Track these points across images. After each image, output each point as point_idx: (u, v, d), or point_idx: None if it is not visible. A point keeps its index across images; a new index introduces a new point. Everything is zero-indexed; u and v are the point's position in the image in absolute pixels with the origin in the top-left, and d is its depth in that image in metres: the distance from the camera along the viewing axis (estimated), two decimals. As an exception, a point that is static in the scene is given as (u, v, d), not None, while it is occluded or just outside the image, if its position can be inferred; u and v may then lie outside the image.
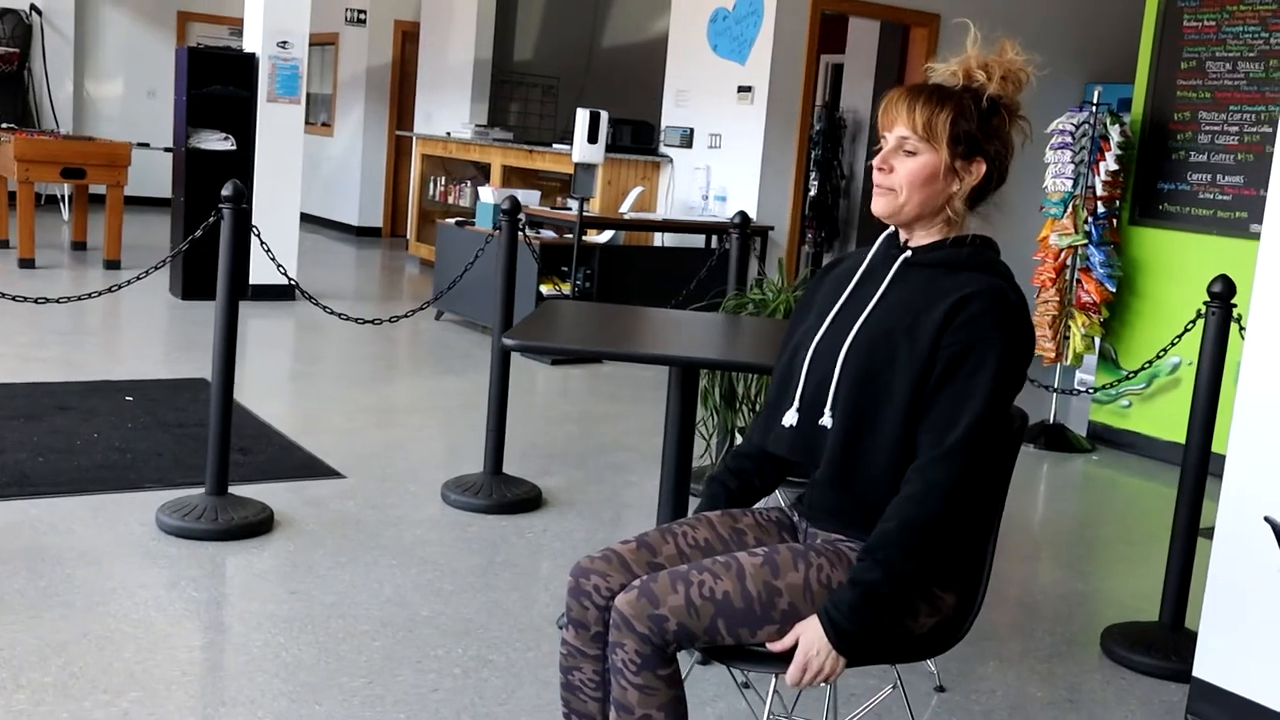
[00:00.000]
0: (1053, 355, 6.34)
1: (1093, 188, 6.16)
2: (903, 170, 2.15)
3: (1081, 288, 6.25)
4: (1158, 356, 5.09)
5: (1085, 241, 6.18)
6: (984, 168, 2.16)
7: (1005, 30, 2.21)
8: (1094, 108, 6.18)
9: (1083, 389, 6.43)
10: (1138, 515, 5.39)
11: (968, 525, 2.16)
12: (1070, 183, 6.17)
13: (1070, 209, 6.19)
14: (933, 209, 2.17)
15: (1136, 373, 5.24)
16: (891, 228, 2.26)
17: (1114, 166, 6.12)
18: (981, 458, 2.06)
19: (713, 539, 2.27)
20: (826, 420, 2.16)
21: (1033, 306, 6.41)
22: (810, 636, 2.03)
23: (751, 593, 2.07)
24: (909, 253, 2.21)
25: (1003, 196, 2.22)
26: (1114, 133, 6.12)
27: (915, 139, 2.14)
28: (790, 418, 2.23)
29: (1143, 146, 6.22)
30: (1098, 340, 6.38)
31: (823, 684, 2.05)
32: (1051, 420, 6.34)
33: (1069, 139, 6.18)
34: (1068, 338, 6.31)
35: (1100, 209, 6.17)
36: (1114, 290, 6.23)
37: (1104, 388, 6.08)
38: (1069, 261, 6.27)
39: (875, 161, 2.19)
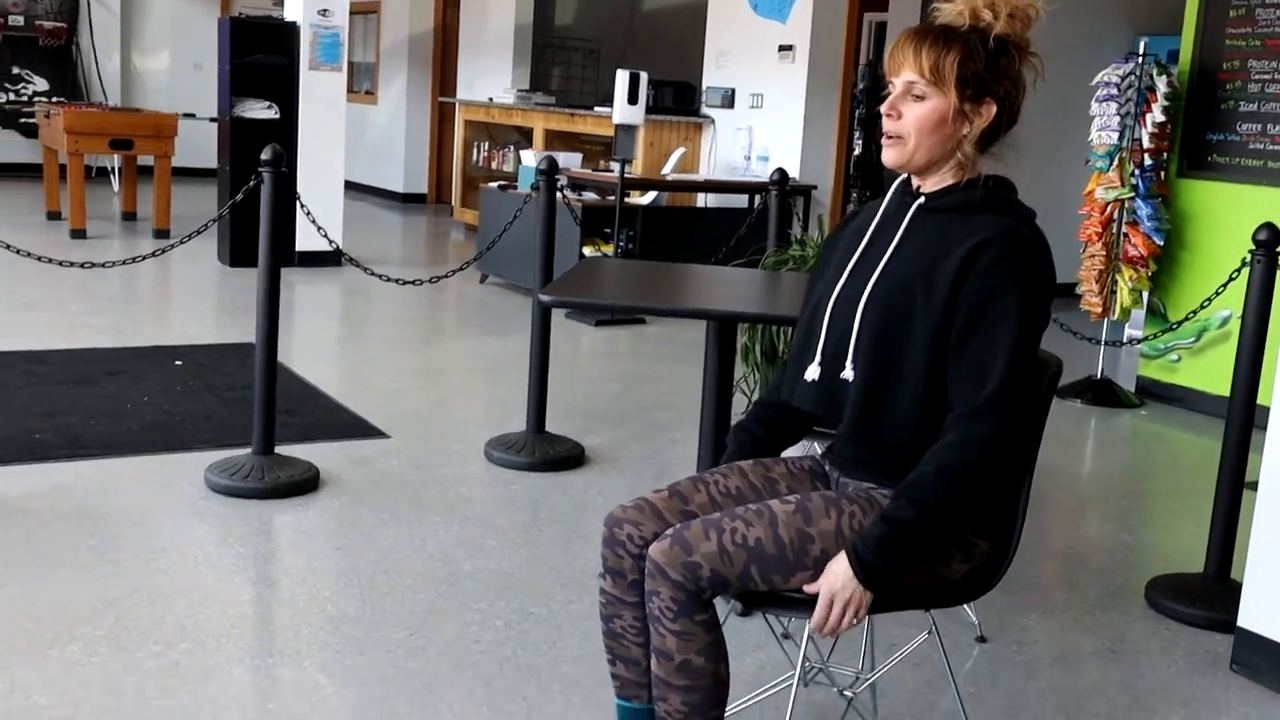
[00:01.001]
0: (1099, 310, 6.28)
1: (1139, 140, 6.08)
2: (911, 116, 2.13)
3: (1128, 241, 6.18)
4: (1202, 306, 5.04)
5: (1132, 195, 6.11)
6: (994, 109, 2.12)
7: None
8: (1140, 59, 6.09)
9: (1130, 342, 6.38)
10: (1185, 469, 5.35)
11: (1003, 473, 2.16)
12: (1116, 135, 6.09)
13: (1116, 162, 6.12)
14: (943, 154, 2.15)
15: (1182, 322, 5.18)
16: (904, 175, 2.24)
17: (1161, 118, 6.04)
18: (1019, 406, 2.04)
19: (745, 487, 2.28)
20: (848, 373, 2.15)
21: (1079, 262, 6.35)
22: (836, 571, 2.04)
23: (784, 539, 2.07)
24: (922, 199, 2.19)
25: (1015, 136, 2.19)
26: (1160, 84, 6.03)
27: (923, 83, 2.11)
28: (813, 372, 2.22)
29: (1190, 97, 6.13)
30: (1145, 295, 6.31)
31: (853, 621, 2.05)
32: (1099, 376, 6.29)
33: (1114, 91, 6.10)
34: (1115, 292, 6.25)
35: (1147, 161, 6.09)
36: (1162, 244, 6.15)
37: (1151, 337, 6.02)
38: (1115, 215, 6.20)
39: (883, 108, 2.17)
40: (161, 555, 3.47)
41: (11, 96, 12.86)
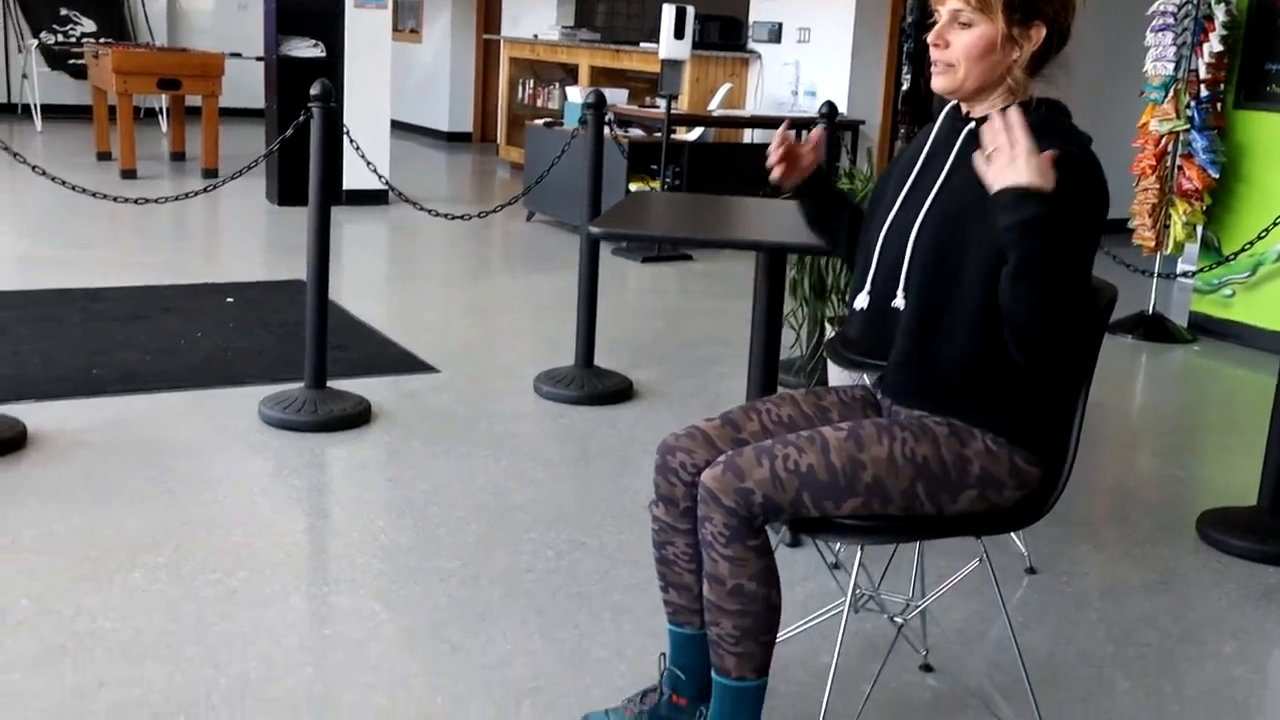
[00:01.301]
0: (1152, 245, 6.20)
1: (1195, 71, 5.96)
2: (959, 44, 2.09)
3: (1183, 174, 6.08)
4: (1258, 238, 4.96)
5: (1187, 127, 6.00)
6: (1044, 31, 2.08)
7: None
8: (1198, -14, 5.96)
9: (1184, 274, 6.30)
10: (1238, 405, 5.30)
11: (1047, 399, 2.14)
12: (1172, 66, 5.98)
13: (1172, 93, 6.01)
14: (993, 79, 2.11)
15: (1237, 255, 5.11)
16: (953, 101, 2.21)
17: (1218, 48, 5.92)
18: (1078, 293, 1.98)
19: (796, 416, 2.28)
20: (899, 302, 2.14)
21: (1132, 195, 6.26)
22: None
23: (836, 465, 2.08)
24: (972, 124, 2.16)
25: (1066, 57, 2.15)
26: (1219, 12, 5.91)
27: (969, 10, 2.08)
28: (862, 300, 2.22)
29: (1249, 26, 5.99)
30: (1199, 229, 6.22)
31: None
32: (1151, 311, 6.22)
33: (1171, 20, 5.98)
34: (1168, 226, 6.16)
35: (1203, 92, 5.98)
36: (1217, 177, 6.05)
37: (1203, 270, 5.94)
38: (1170, 148, 6.10)
39: (930, 37, 2.13)
40: (217, 486, 3.53)
41: (60, 38, 12.91)
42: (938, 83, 2.16)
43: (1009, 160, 1.92)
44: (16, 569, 2.93)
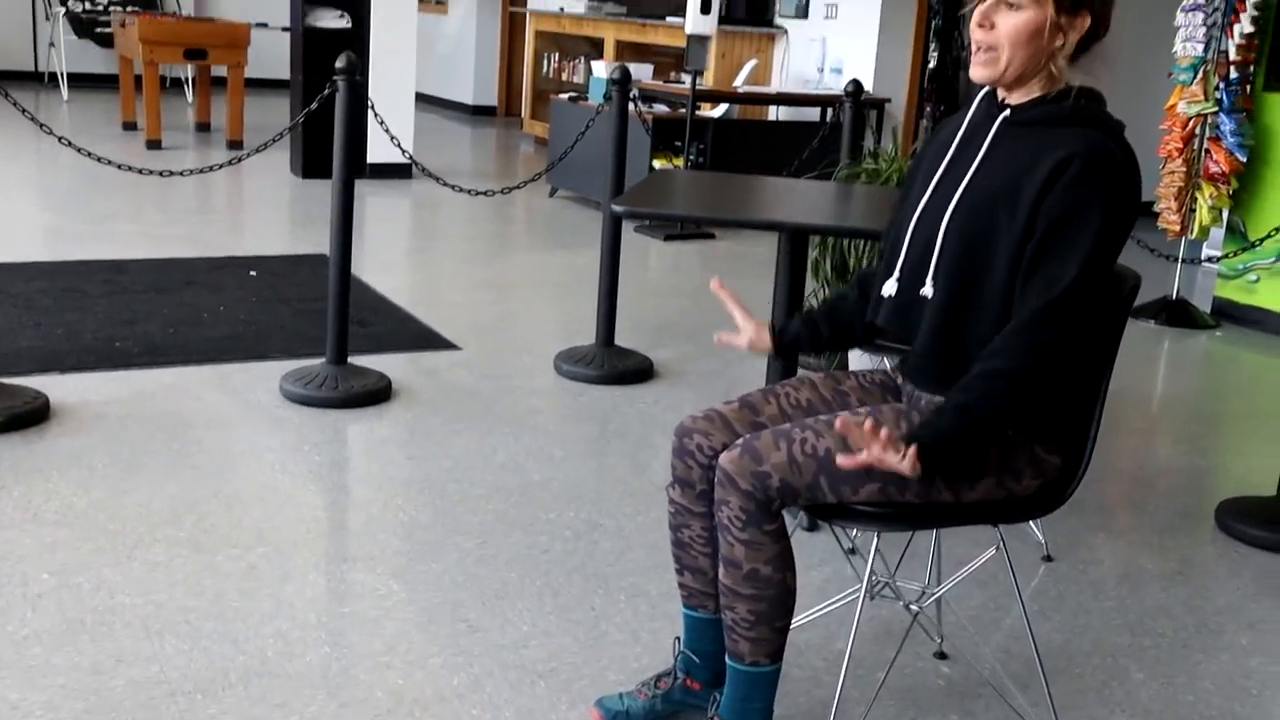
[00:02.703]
0: (1177, 228, 6.16)
1: (1225, 52, 5.90)
2: (1005, 26, 2.05)
3: (1210, 158, 6.03)
4: (1285, 226, 4.93)
5: (1215, 109, 5.95)
6: (1089, 20, 2.06)
7: None
8: (1230, -33, 5.90)
9: (1208, 259, 6.25)
10: (1261, 392, 5.27)
11: (1068, 385, 2.13)
12: (1201, 47, 5.92)
13: (1201, 75, 5.96)
14: (1035, 67, 2.08)
15: (1263, 241, 5.07)
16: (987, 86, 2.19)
17: (1249, 29, 5.85)
18: (1077, 319, 2.00)
19: (815, 399, 2.28)
20: (928, 290, 2.13)
21: (1158, 178, 6.21)
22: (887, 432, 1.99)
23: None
24: (1008, 111, 2.14)
25: (1105, 47, 2.12)
26: (1250, -7, 5.85)
27: None
28: (889, 287, 2.21)
29: (1281, 8, 5.93)
30: (1225, 213, 6.17)
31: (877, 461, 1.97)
32: (1174, 296, 6.18)
33: (1201, 0, 5.91)
34: (1194, 210, 6.12)
35: (1233, 74, 5.92)
36: (1244, 160, 6.00)
37: (1228, 256, 5.89)
38: (1197, 130, 6.05)
39: (975, 18, 2.08)
40: (239, 461, 3.55)
41: (88, 5, 12.92)
42: (977, 73, 2.11)
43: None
44: (38, 542, 2.96)
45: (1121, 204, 2.01)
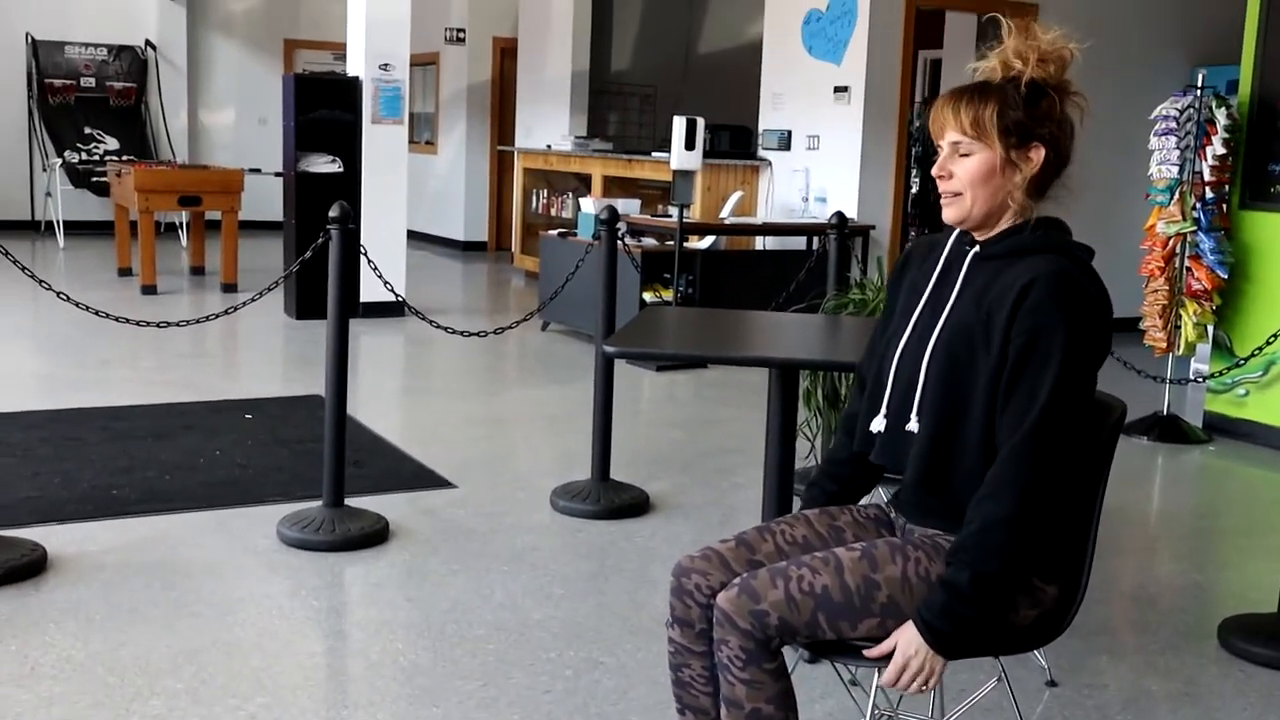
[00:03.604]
0: (1164, 345, 6.23)
1: (1200, 173, 6.05)
2: (962, 172, 2.17)
3: (1192, 275, 6.13)
4: (1269, 341, 4.99)
5: (1194, 228, 6.07)
6: (1042, 152, 2.16)
7: (1106, 16, 2.21)
8: (1198, 91, 6.07)
9: (1196, 378, 6.31)
10: (1257, 506, 5.28)
11: (1060, 516, 2.16)
12: (1176, 169, 6.06)
13: (1177, 196, 6.09)
14: (999, 203, 2.18)
15: (1249, 358, 5.14)
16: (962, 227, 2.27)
17: (1221, 150, 6.00)
18: (1054, 448, 2.04)
19: (811, 536, 2.30)
20: (913, 425, 2.19)
21: (1141, 297, 6.31)
22: (908, 638, 2.06)
23: (850, 586, 2.10)
24: (977, 247, 2.23)
25: (1069, 177, 2.22)
26: (1220, 116, 6.00)
27: (967, 140, 2.16)
28: (878, 424, 2.26)
29: (1251, 129, 6.09)
30: (1211, 329, 6.25)
31: (923, 687, 2.07)
32: (1165, 412, 6.23)
33: (1174, 125, 6.07)
34: (1179, 327, 6.20)
35: (1208, 194, 6.06)
36: (1226, 277, 6.10)
37: (1217, 375, 5.95)
38: (1178, 249, 6.16)
39: (934, 171, 2.21)
40: (238, 608, 3.54)
41: (84, 156, 13.19)
42: (947, 214, 2.23)
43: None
44: (35, 697, 2.94)
45: (1085, 326, 2.07)
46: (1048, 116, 2.17)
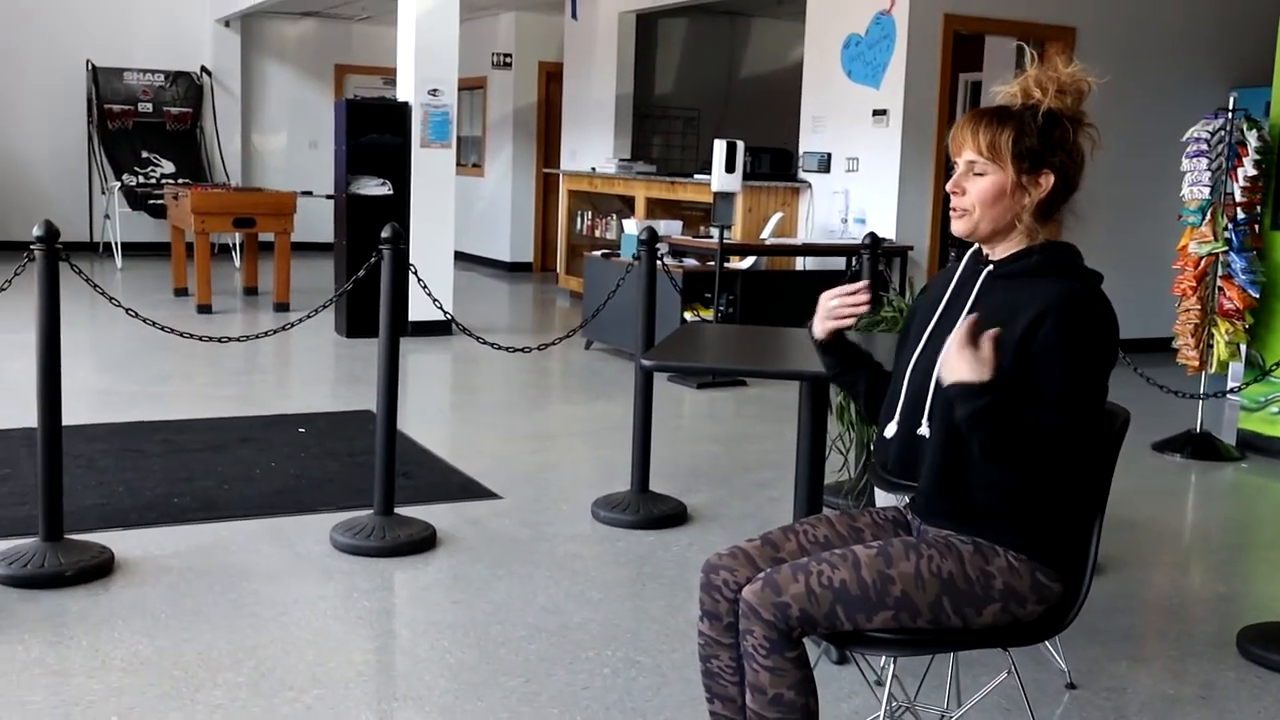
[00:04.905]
0: (1196, 364, 6.32)
1: (1231, 194, 6.14)
2: (973, 190, 2.33)
3: (1224, 295, 6.22)
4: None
5: (1226, 248, 6.16)
6: (1052, 179, 2.31)
7: (1144, 39, 2.36)
8: (1229, 113, 6.17)
9: (1230, 392, 6.39)
10: (1286, 521, 5.36)
11: (1065, 517, 2.30)
12: (1208, 190, 6.16)
13: (1209, 216, 6.18)
14: (1006, 224, 2.34)
15: (1267, 372, 5.21)
16: (975, 244, 2.43)
17: (1252, 172, 6.10)
18: (1062, 460, 2.19)
19: (832, 536, 2.46)
20: (924, 430, 2.34)
21: (1174, 316, 6.40)
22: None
23: (866, 580, 2.25)
24: (991, 266, 2.38)
25: (1076, 203, 2.36)
26: (1251, 138, 6.10)
27: (982, 160, 2.31)
28: (891, 429, 2.42)
29: (1282, 151, 6.18)
30: (1243, 347, 6.34)
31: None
32: (1198, 430, 6.31)
33: (1205, 146, 6.18)
34: (1211, 346, 6.29)
35: (1240, 215, 6.15)
36: (1258, 296, 6.19)
37: (1246, 385, 6.03)
38: (1210, 269, 6.25)
39: (949, 186, 2.38)
40: (293, 609, 3.73)
41: (141, 179, 13.53)
42: (956, 226, 2.39)
43: (956, 353, 2.16)
44: (106, 688, 3.14)
45: (1095, 347, 2.22)
46: (1060, 145, 2.32)
